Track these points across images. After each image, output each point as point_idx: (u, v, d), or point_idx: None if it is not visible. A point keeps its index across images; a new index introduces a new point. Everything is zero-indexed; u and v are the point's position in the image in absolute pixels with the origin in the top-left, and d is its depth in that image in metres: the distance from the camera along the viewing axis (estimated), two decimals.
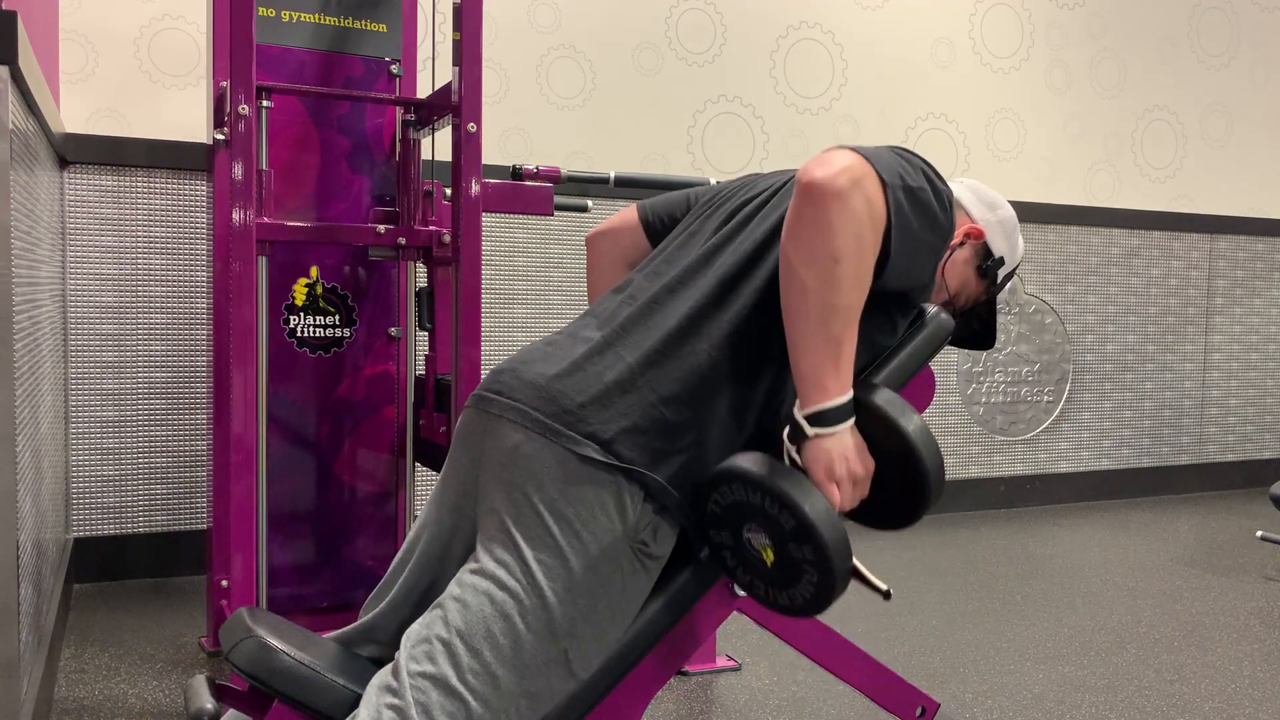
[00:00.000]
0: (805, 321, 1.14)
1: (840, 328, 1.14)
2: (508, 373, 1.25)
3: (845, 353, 1.15)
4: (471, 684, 1.09)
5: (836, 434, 1.16)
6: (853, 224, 1.11)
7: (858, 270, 1.13)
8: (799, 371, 1.16)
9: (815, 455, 1.16)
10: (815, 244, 1.12)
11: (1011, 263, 1.54)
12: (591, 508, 1.14)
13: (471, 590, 1.13)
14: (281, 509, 2.21)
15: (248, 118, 1.84)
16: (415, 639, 1.13)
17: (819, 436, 1.16)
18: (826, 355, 1.14)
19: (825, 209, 1.11)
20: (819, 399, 1.15)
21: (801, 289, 1.13)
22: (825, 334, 1.14)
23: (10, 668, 1.43)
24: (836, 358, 1.15)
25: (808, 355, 1.15)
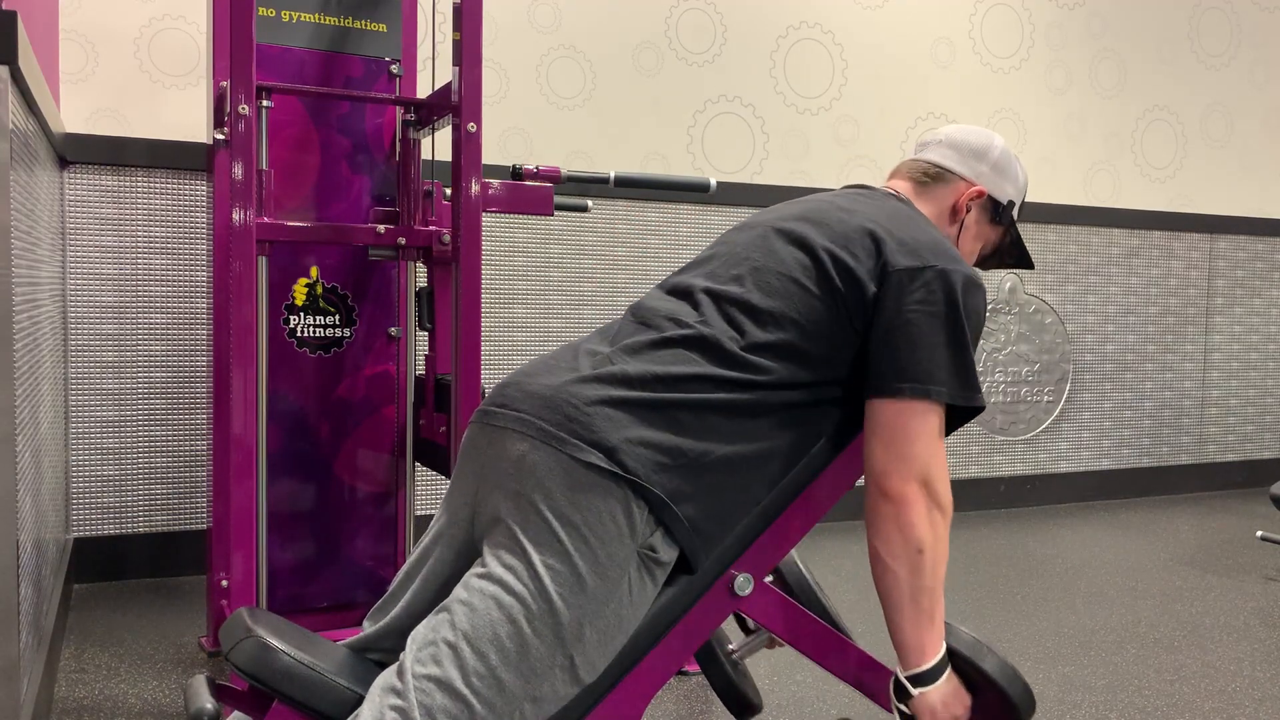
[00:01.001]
0: (901, 603, 1.28)
1: (931, 603, 1.28)
2: (512, 386, 1.25)
3: (938, 619, 1.29)
4: (476, 687, 1.09)
5: (936, 687, 1.29)
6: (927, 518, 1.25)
7: (936, 554, 1.27)
8: (898, 641, 1.30)
9: (921, 709, 1.30)
10: (898, 542, 1.26)
11: (1019, 196, 1.54)
12: (599, 514, 1.14)
13: (479, 594, 1.13)
14: (281, 509, 2.21)
15: (248, 118, 1.84)
16: (421, 641, 1.13)
17: (922, 694, 1.29)
18: (923, 626, 1.28)
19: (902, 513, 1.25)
20: (919, 662, 1.29)
21: (894, 578, 1.27)
22: (918, 610, 1.27)
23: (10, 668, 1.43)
24: (931, 626, 1.28)
25: (906, 628, 1.28)
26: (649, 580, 1.19)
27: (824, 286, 1.27)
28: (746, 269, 1.32)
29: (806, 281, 1.28)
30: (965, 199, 1.47)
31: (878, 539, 1.28)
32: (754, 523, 1.31)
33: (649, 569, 1.18)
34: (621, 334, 1.30)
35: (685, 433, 1.19)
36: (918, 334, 1.25)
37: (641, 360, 1.23)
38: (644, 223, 3.38)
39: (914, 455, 1.25)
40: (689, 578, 1.26)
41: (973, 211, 1.49)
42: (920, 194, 1.49)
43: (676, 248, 3.43)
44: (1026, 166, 3.98)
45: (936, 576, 1.27)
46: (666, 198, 3.39)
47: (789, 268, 1.30)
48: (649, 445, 1.17)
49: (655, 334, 1.27)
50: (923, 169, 1.50)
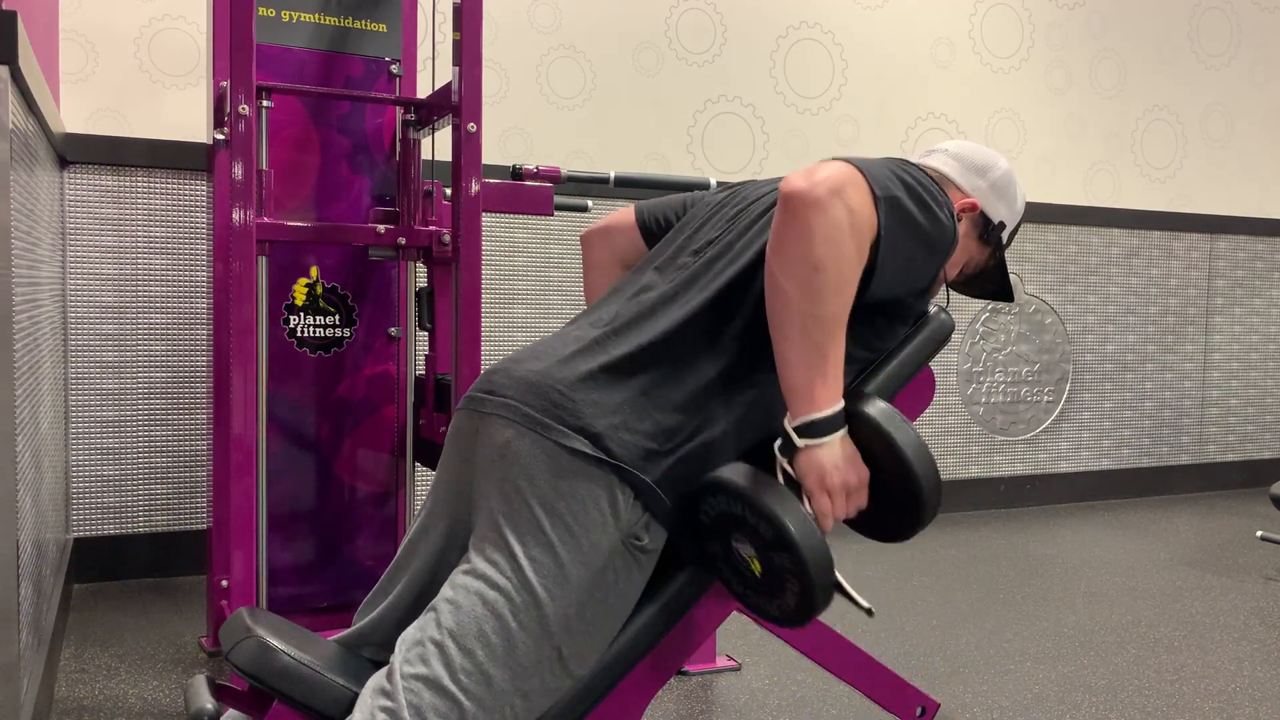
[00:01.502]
0: (790, 333, 1.14)
1: (824, 338, 1.13)
2: (499, 372, 1.25)
3: (832, 362, 1.14)
4: (464, 684, 1.09)
5: (827, 444, 1.15)
6: (832, 232, 1.10)
7: (839, 279, 1.12)
8: (786, 383, 1.16)
9: (806, 466, 1.16)
10: (795, 254, 1.11)
11: (1012, 222, 1.51)
12: (584, 502, 1.14)
13: (463, 591, 1.13)
14: (281, 509, 2.21)
15: (248, 118, 1.84)
16: (409, 642, 1.13)
17: (809, 448, 1.16)
18: (813, 366, 1.14)
19: (804, 218, 1.10)
20: (808, 410, 1.15)
21: (784, 299, 1.13)
22: (810, 344, 1.13)
23: (10, 668, 1.43)
24: (823, 368, 1.14)
25: (794, 367, 1.15)
26: (636, 568, 1.18)
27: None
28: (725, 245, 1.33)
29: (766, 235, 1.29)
30: (957, 209, 1.46)
31: (772, 253, 1.13)
32: None
33: (635, 557, 1.17)
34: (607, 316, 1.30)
35: (673, 415, 1.19)
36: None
37: (628, 343, 1.23)
38: None
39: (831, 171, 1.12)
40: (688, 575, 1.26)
41: (963, 223, 1.45)
42: None
43: None
44: (1026, 166, 3.98)
45: (837, 305, 1.12)
46: None
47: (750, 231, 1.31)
48: (635, 430, 1.17)
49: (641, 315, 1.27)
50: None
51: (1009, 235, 1.52)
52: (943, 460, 3.87)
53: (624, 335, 1.24)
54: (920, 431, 3.84)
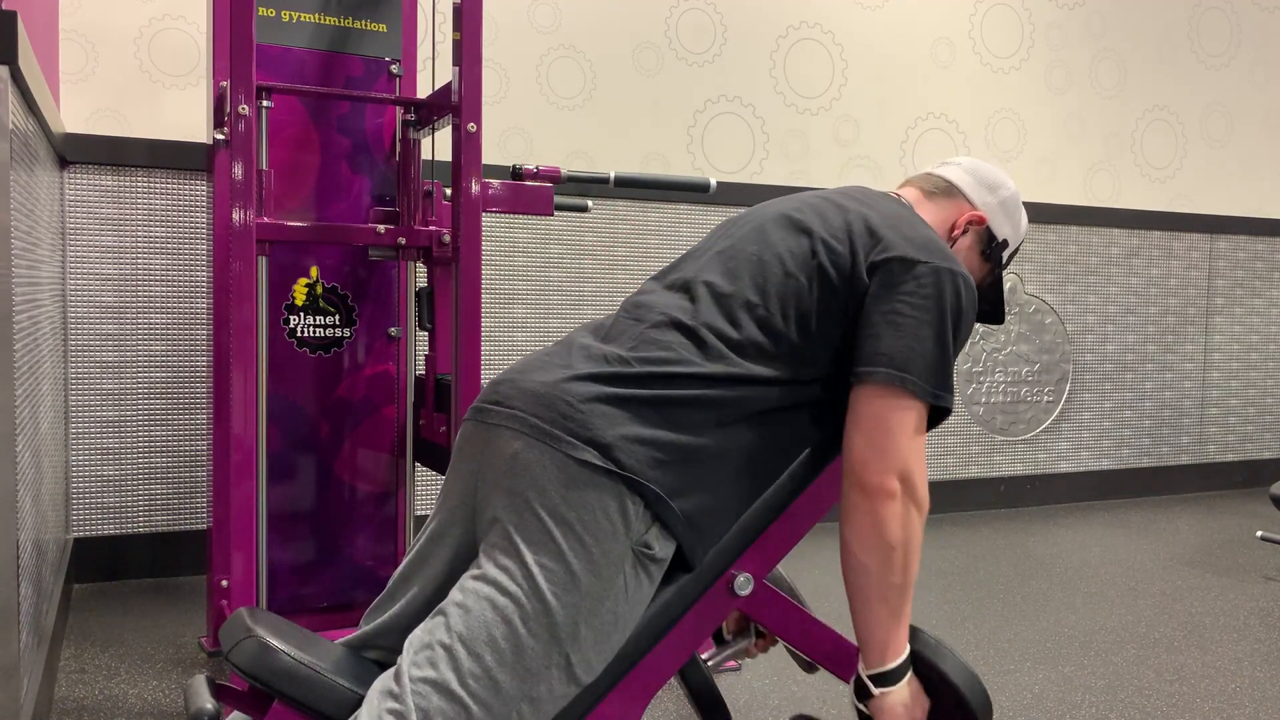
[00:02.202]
0: (867, 598, 1.25)
1: (900, 601, 1.25)
2: (506, 383, 1.25)
3: (904, 619, 1.27)
4: (472, 689, 1.09)
5: (898, 689, 1.27)
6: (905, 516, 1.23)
7: (910, 553, 1.24)
8: (863, 638, 1.27)
9: (880, 710, 1.28)
10: (872, 537, 1.23)
11: (1015, 242, 1.54)
12: (593, 511, 1.14)
13: (473, 595, 1.12)
14: (281, 509, 2.21)
15: (248, 118, 1.84)
16: (418, 645, 1.13)
17: (884, 695, 1.27)
18: (890, 625, 1.26)
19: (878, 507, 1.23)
20: (880, 662, 1.27)
21: (864, 572, 1.25)
22: (887, 608, 1.25)
23: (10, 668, 1.43)
24: (898, 626, 1.26)
25: (871, 626, 1.26)
26: (645, 578, 1.18)
27: (820, 278, 1.27)
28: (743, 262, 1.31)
29: (801, 274, 1.28)
30: (964, 219, 1.47)
31: (851, 532, 1.25)
32: (754, 521, 1.31)
33: (645, 566, 1.18)
34: (616, 329, 1.29)
35: (681, 429, 1.19)
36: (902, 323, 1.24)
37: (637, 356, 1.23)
38: (644, 223, 3.38)
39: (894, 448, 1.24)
40: (688, 576, 1.26)
41: (968, 235, 1.48)
42: (924, 203, 1.49)
43: (676, 248, 3.43)
44: (1026, 166, 3.98)
45: (908, 574, 1.25)
46: (666, 198, 3.39)
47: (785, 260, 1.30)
48: (644, 442, 1.17)
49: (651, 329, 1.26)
50: (934, 181, 1.51)
51: (1008, 256, 1.54)
52: (943, 460, 3.87)
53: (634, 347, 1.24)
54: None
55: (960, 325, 1.28)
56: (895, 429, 1.23)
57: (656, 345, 1.24)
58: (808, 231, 1.32)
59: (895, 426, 1.23)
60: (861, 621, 1.27)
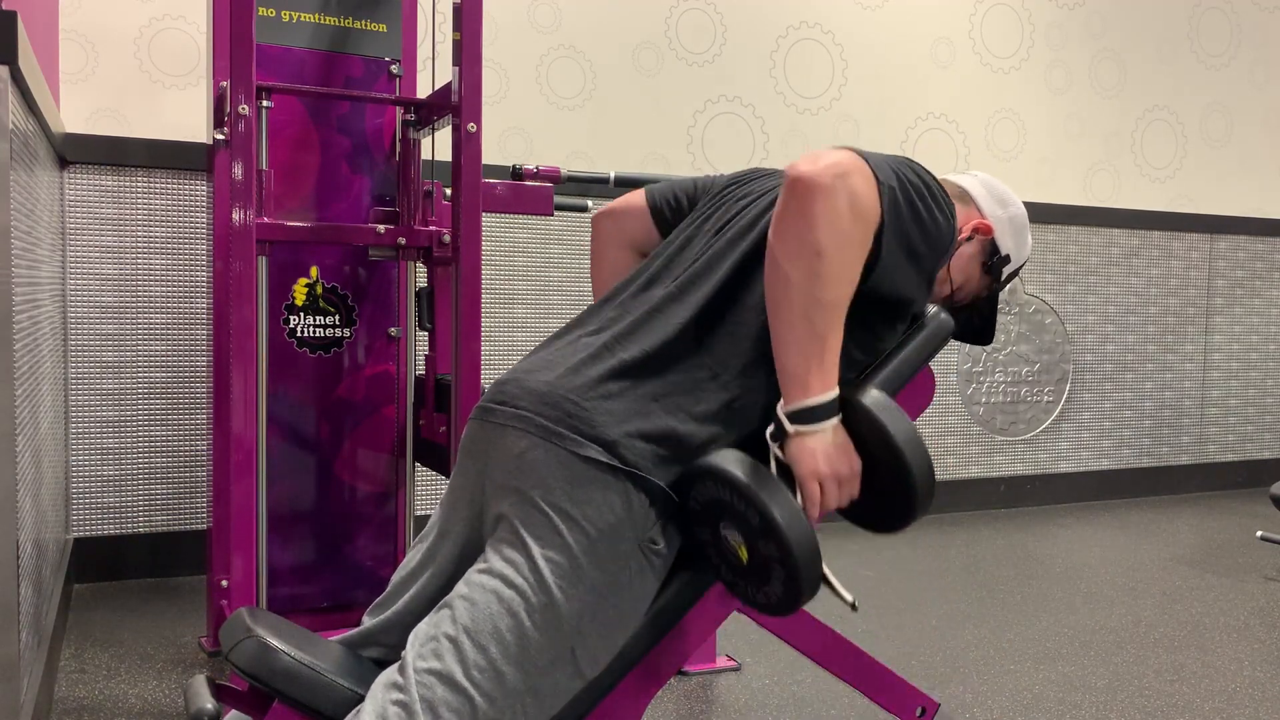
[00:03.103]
0: (789, 317, 1.13)
1: (824, 324, 1.13)
2: (510, 383, 1.25)
3: (830, 349, 1.14)
4: (477, 680, 1.10)
5: (819, 432, 1.15)
6: (837, 218, 1.11)
7: (841, 265, 1.12)
8: (782, 368, 1.16)
9: (798, 453, 1.16)
10: (798, 238, 1.11)
11: (1018, 261, 1.54)
12: (599, 508, 1.14)
13: (479, 588, 1.13)
14: (281, 509, 2.21)
15: (248, 118, 1.84)
16: (423, 637, 1.13)
17: (800, 434, 1.15)
18: (810, 351, 1.13)
19: (809, 202, 1.10)
20: (801, 396, 1.15)
21: (785, 283, 1.13)
22: (809, 329, 1.13)
23: (10, 668, 1.43)
24: (821, 354, 1.14)
25: (791, 351, 1.14)
26: (650, 573, 1.19)
27: None
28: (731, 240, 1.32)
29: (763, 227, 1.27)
30: (972, 226, 1.47)
31: (775, 236, 1.13)
32: None
33: (650, 562, 1.18)
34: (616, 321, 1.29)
35: (686, 422, 1.19)
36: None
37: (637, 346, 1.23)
38: None
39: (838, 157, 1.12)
40: (691, 575, 1.26)
41: (973, 242, 1.48)
42: None
43: None
44: (1026, 166, 3.98)
45: (839, 289, 1.12)
46: None
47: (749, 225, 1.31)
48: (648, 438, 1.17)
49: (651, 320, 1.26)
50: (949, 184, 1.51)
51: (1009, 274, 1.53)
52: (943, 460, 3.87)
53: (632, 338, 1.24)
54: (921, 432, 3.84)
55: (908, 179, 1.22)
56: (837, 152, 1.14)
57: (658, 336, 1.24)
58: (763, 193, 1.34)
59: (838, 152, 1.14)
60: (781, 346, 1.15)
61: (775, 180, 1.41)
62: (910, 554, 3.25)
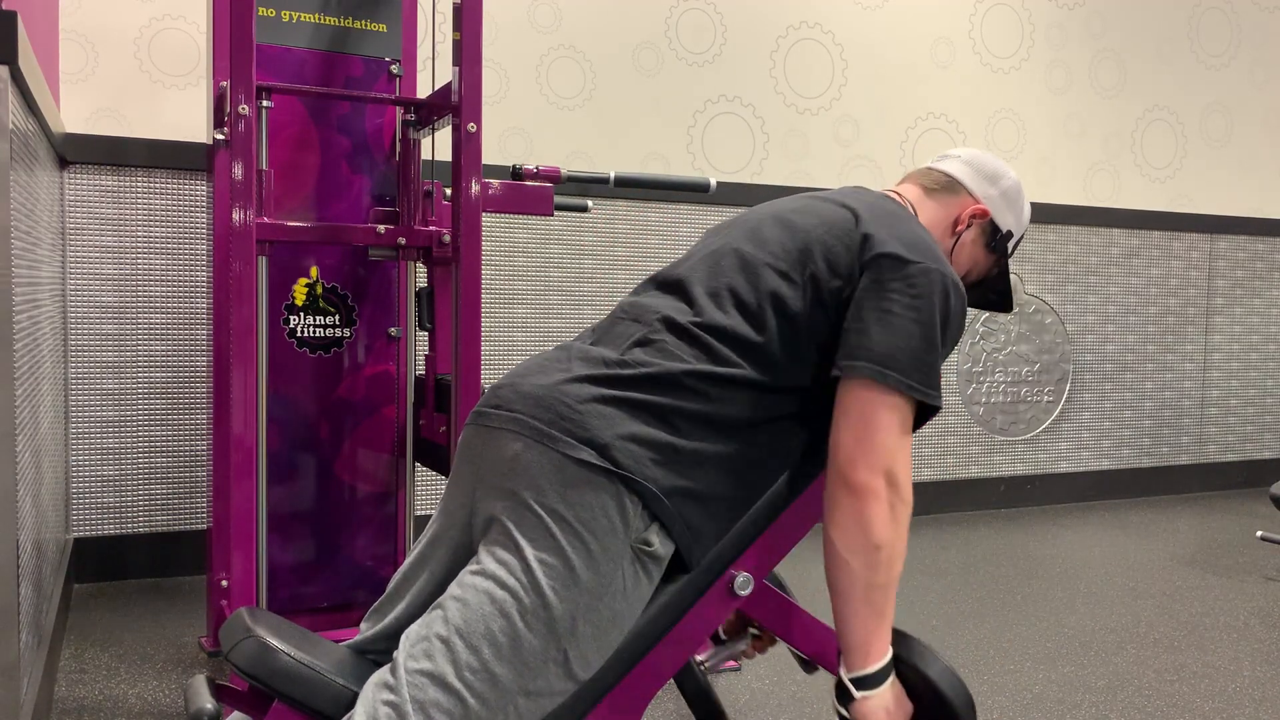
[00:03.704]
0: (852, 598, 1.24)
1: (884, 601, 1.24)
2: (506, 388, 1.26)
3: (888, 619, 1.25)
4: (469, 681, 1.09)
5: (879, 693, 1.25)
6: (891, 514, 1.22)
7: (895, 551, 1.23)
8: (845, 639, 1.25)
9: (864, 714, 1.26)
10: (857, 535, 1.21)
11: (1019, 231, 1.54)
12: (592, 510, 1.14)
13: (472, 589, 1.13)
14: (281, 509, 2.21)
15: (248, 118, 1.84)
16: (414, 638, 1.13)
17: (865, 698, 1.25)
18: (872, 626, 1.24)
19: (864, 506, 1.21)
20: (863, 664, 1.24)
21: (848, 572, 1.23)
22: (871, 609, 1.23)
23: (10, 668, 1.43)
24: (880, 627, 1.24)
25: (853, 627, 1.24)
26: (644, 575, 1.19)
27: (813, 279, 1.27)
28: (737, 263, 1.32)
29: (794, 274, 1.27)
30: (968, 214, 1.47)
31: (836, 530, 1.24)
32: (754, 521, 1.31)
33: (643, 564, 1.18)
34: (613, 331, 1.30)
35: (679, 431, 1.20)
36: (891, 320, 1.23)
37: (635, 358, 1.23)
38: (644, 223, 3.38)
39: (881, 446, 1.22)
40: (688, 576, 1.26)
41: (972, 229, 1.48)
42: (926, 200, 1.49)
43: (676, 248, 3.43)
44: (1026, 166, 3.98)
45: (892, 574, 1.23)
46: (666, 198, 3.39)
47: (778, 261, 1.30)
48: (641, 442, 1.17)
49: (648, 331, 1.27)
50: (935, 177, 1.51)
51: (1014, 245, 1.54)
52: (943, 460, 3.87)
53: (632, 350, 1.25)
54: (921, 432, 3.84)
55: (949, 327, 1.28)
56: (881, 425, 1.22)
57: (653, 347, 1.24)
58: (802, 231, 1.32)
59: (881, 423, 1.22)
60: (844, 622, 1.25)
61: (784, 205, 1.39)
62: (910, 554, 3.25)
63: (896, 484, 1.22)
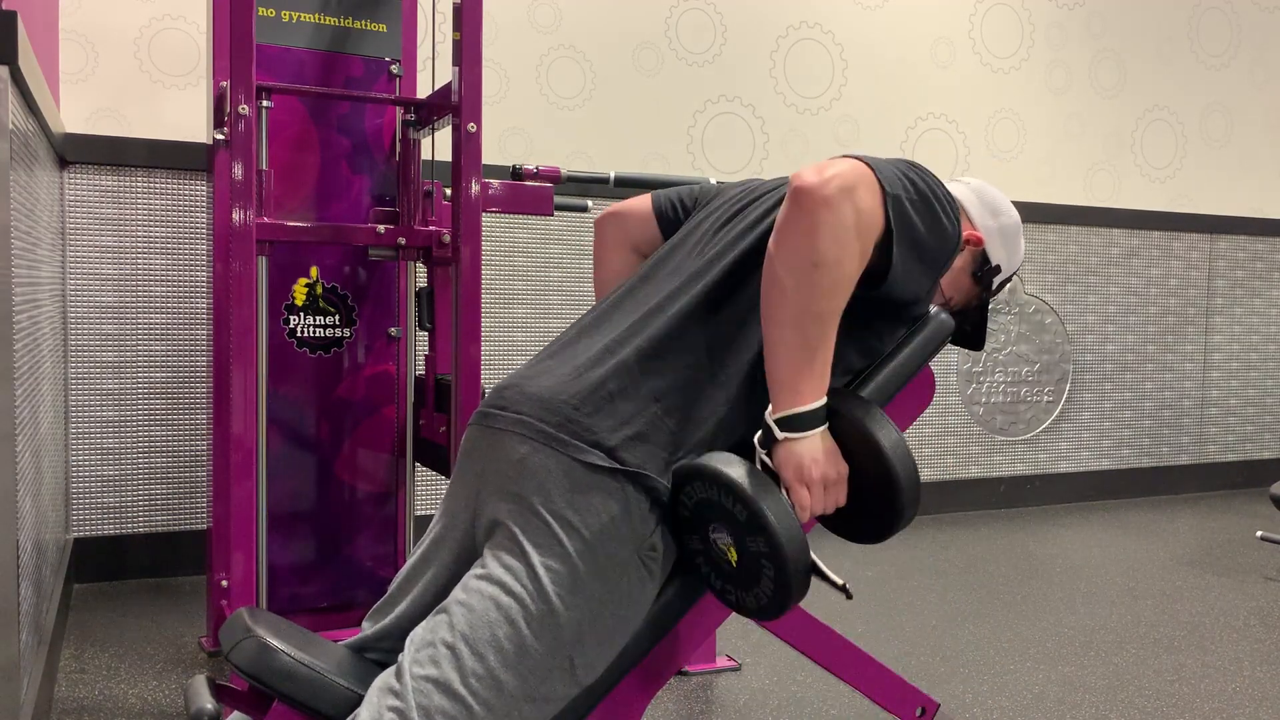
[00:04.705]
0: (782, 325, 1.14)
1: (816, 333, 1.14)
2: (511, 388, 1.25)
3: (820, 358, 1.15)
4: (475, 688, 1.09)
5: (807, 438, 1.16)
6: (838, 230, 1.11)
7: (838, 278, 1.13)
8: (772, 374, 1.17)
9: (785, 458, 1.17)
10: (797, 248, 1.12)
11: (1009, 269, 1.53)
12: (598, 515, 1.14)
13: (477, 595, 1.13)
14: (281, 509, 2.21)
15: (248, 118, 1.84)
16: (420, 643, 1.13)
17: (789, 440, 1.16)
18: (801, 359, 1.15)
19: (810, 213, 1.11)
20: (790, 403, 1.16)
21: (780, 291, 1.14)
22: (801, 338, 1.14)
23: (10, 668, 1.43)
24: (811, 362, 1.15)
25: (782, 359, 1.15)
26: (649, 580, 1.19)
27: None
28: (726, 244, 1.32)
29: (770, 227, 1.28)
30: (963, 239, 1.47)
31: (776, 245, 1.14)
32: None
33: (648, 569, 1.18)
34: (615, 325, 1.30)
35: (686, 426, 1.19)
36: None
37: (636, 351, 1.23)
38: None
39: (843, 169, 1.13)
40: (689, 576, 1.26)
41: (964, 253, 1.48)
42: None
43: None
44: (1026, 166, 3.98)
45: (832, 301, 1.13)
46: None
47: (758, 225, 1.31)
48: (649, 440, 1.17)
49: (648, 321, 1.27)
50: None
51: (999, 282, 1.53)
52: (943, 460, 3.87)
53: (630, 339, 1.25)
54: (921, 432, 3.85)
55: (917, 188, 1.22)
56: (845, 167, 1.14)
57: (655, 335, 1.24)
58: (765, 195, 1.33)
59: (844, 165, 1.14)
60: (772, 355, 1.16)
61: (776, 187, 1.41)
62: (910, 554, 3.25)
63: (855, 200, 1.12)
